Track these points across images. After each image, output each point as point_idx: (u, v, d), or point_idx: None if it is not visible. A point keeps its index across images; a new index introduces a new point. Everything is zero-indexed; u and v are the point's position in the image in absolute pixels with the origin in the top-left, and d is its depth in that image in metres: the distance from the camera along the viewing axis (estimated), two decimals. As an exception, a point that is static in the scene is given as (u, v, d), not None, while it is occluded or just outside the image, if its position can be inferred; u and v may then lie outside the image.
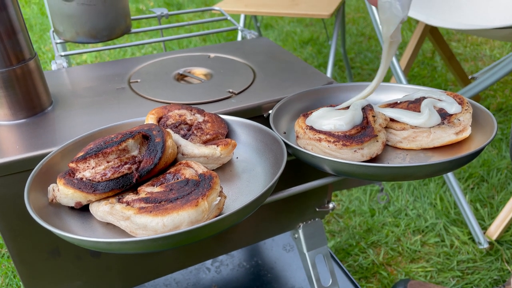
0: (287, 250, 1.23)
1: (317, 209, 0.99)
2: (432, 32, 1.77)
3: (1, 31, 0.69)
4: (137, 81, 0.88)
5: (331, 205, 1.00)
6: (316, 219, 1.00)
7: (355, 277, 1.31)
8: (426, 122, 0.63)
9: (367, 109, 0.65)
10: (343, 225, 1.51)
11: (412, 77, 2.45)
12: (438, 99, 0.67)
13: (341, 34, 2.21)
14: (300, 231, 0.99)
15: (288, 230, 1.00)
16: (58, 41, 1.06)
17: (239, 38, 2.26)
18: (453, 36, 3.01)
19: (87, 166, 0.52)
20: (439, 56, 2.66)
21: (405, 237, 1.46)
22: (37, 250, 0.73)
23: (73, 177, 0.52)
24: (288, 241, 1.25)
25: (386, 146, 0.65)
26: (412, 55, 1.68)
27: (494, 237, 1.40)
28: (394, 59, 1.43)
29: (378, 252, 1.41)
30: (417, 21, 3.22)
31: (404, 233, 1.47)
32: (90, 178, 0.51)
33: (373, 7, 1.43)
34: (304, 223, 0.99)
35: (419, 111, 0.66)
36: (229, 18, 1.22)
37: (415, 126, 0.63)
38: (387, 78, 2.46)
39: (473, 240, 1.43)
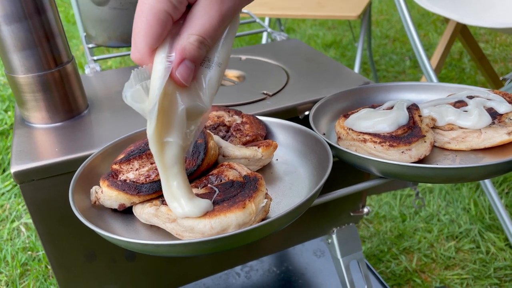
0: (317, 256, 1.20)
1: (352, 214, 0.96)
2: (462, 32, 1.73)
3: (40, 35, 0.69)
4: (170, 84, 0.88)
5: (365, 210, 0.98)
6: (350, 224, 0.98)
7: (388, 284, 1.27)
8: (476, 124, 0.60)
9: (412, 108, 0.62)
10: (374, 231, 1.47)
11: (440, 79, 2.39)
12: (487, 98, 0.64)
13: (367, 36, 2.18)
14: (334, 236, 0.97)
15: (321, 235, 0.97)
16: (90, 45, 1.07)
17: (263, 41, 2.26)
18: (481, 37, 2.94)
19: (131, 168, 0.51)
20: (468, 57, 2.60)
21: (438, 243, 1.42)
22: (74, 253, 0.72)
23: (117, 179, 0.51)
24: (318, 247, 1.23)
25: (433, 147, 0.63)
26: (442, 56, 1.64)
27: (533, 243, 1.35)
28: (425, 59, 1.40)
29: (410, 258, 1.37)
30: (442, 22, 3.16)
31: (437, 239, 1.43)
32: (134, 180, 0.50)
33: (403, 6, 1.40)
34: (338, 228, 0.97)
35: (467, 112, 0.63)
36: (257, 20, 1.21)
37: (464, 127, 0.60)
38: (417, 79, 2.41)
39: (510, 246, 1.37)
